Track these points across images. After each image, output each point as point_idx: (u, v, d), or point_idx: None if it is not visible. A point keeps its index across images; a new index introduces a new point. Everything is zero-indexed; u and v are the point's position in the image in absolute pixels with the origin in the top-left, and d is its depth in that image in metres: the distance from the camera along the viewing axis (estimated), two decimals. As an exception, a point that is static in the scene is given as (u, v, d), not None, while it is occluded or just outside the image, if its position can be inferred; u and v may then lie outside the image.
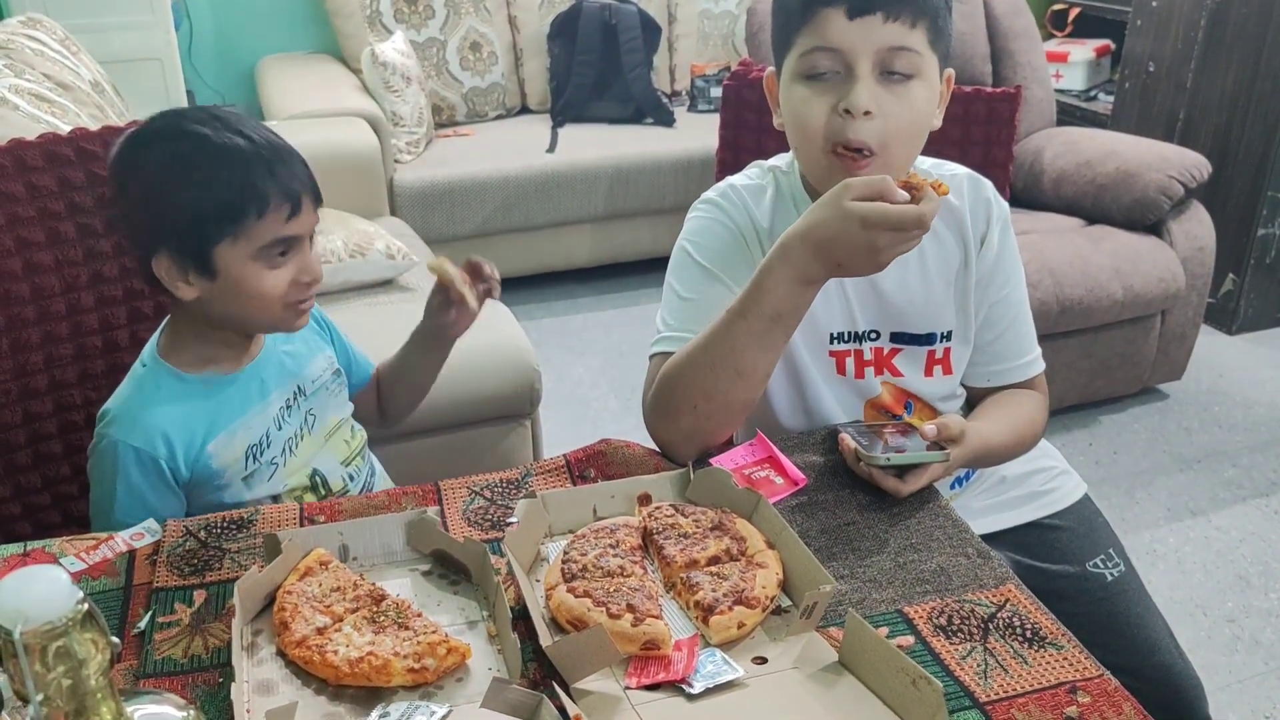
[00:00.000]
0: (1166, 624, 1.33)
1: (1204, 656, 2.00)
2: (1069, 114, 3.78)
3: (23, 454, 1.39)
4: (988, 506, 1.36)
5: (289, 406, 1.26)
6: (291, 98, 3.22)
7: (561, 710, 0.80)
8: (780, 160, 1.31)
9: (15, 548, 1.03)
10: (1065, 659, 0.89)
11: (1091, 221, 2.83)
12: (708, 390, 1.12)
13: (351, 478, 1.32)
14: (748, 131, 1.52)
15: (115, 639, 0.51)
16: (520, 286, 3.48)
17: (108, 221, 1.30)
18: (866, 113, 1.10)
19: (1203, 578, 2.25)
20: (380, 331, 1.52)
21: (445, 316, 1.33)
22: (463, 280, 1.27)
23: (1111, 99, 3.69)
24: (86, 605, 0.48)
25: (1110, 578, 1.33)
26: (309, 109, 3.10)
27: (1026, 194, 2.97)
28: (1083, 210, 2.85)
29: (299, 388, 1.28)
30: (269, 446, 1.23)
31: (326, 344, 1.35)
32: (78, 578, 0.99)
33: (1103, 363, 2.74)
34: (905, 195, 1.02)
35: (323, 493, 1.28)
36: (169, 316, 1.23)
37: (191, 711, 0.55)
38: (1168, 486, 2.56)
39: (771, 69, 1.23)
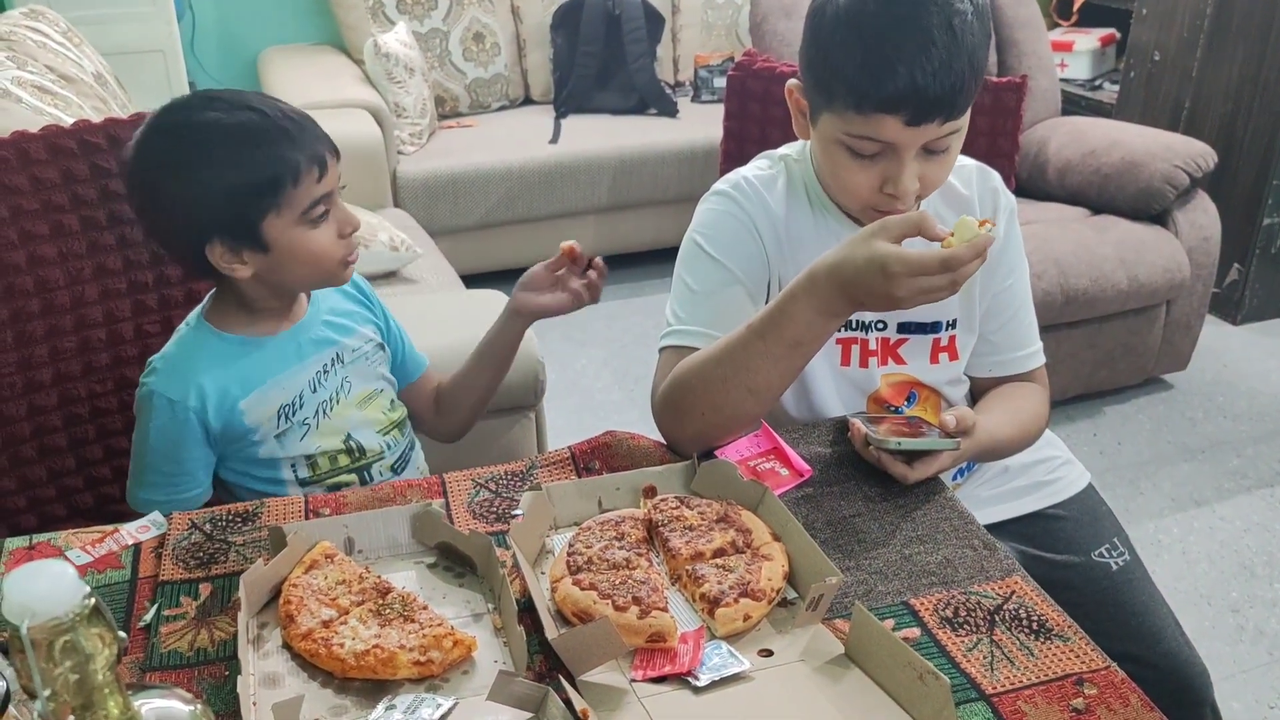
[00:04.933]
0: (1172, 612, 1.32)
1: (1208, 646, 2.00)
2: (1074, 103, 3.76)
3: (27, 447, 1.39)
4: (991, 496, 1.36)
5: (326, 371, 1.30)
6: (294, 89, 3.21)
7: (568, 703, 0.80)
8: (791, 149, 1.30)
9: (20, 541, 1.03)
10: (1072, 651, 0.89)
11: (1096, 211, 2.82)
12: (717, 403, 1.12)
13: (389, 446, 1.34)
14: (752, 122, 1.51)
15: (122, 633, 0.51)
16: (523, 278, 3.47)
17: (145, 230, 1.34)
18: None
19: (1207, 568, 2.25)
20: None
21: (539, 287, 1.36)
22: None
23: (1117, 88, 3.67)
24: (93, 600, 0.48)
25: (1115, 567, 1.33)
26: (311, 100, 3.09)
27: (1031, 184, 2.96)
28: (1087, 200, 2.84)
29: (338, 354, 1.31)
30: (301, 407, 1.27)
31: (371, 319, 1.38)
32: (84, 571, 0.99)
33: (1107, 353, 2.74)
34: (943, 232, 1.00)
35: (358, 456, 1.31)
36: (214, 289, 1.29)
37: (199, 705, 0.55)
38: (1172, 477, 2.56)
39: (794, 82, 1.21)
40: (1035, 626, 0.92)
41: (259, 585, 0.93)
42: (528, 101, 3.85)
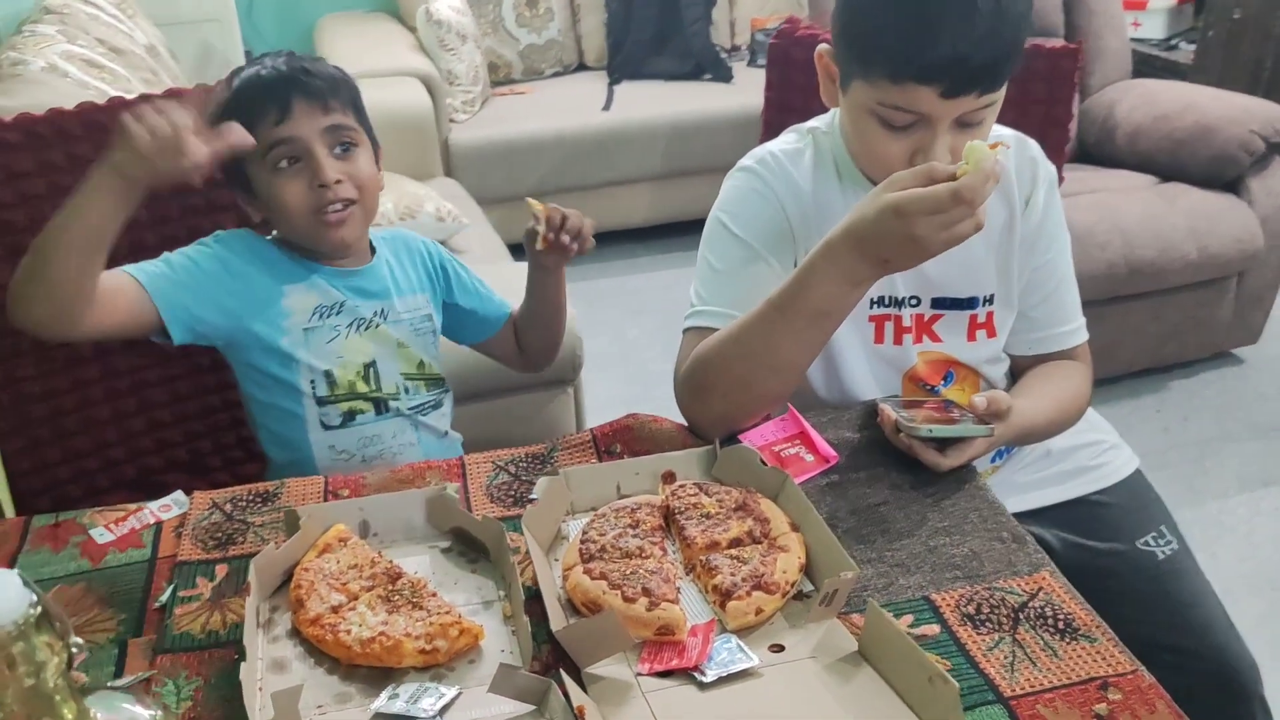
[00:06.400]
0: (1221, 604, 1.27)
1: (1272, 632, 1.93)
2: (1147, 64, 3.61)
3: (71, 419, 1.41)
4: (1031, 482, 1.31)
5: (370, 315, 1.31)
6: (348, 58, 3.21)
7: (569, 697, 0.79)
8: (820, 122, 1.26)
9: (46, 519, 1.05)
10: (1098, 652, 0.86)
11: (1166, 179, 2.70)
12: (740, 381, 1.09)
13: (407, 391, 1.33)
14: (795, 91, 1.46)
15: (77, 639, 0.51)
16: (576, 246, 3.46)
17: None
18: None
19: (1272, 551, 2.16)
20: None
21: (535, 248, 1.32)
22: (543, 217, 1.27)
23: (1193, 48, 3.52)
24: (40, 608, 0.48)
25: (1162, 555, 1.28)
26: (365, 69, 3.09)
27: (1098, 149, 2.85)
28: (1157, 167, 2.73)
29: (383, 309, 1.32)
30: (338, 314, 1.29)
31: (429, 291, 1.39)
32: (106, 549, 1.00)
33: (1174, 326, 2.64)
34: (953, 168, 0.97)
35: (374, 385, 1.31)
36: None
37: (158, 712, 0.54)
38: (1239, 455, 2.46)
39: (825, 47, 1.17)
40: (1061, 626, 0.88)
41: (270, 570, 0.93)
42: (582, 67, 3.81)
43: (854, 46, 1.09)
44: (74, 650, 0.49)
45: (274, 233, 1.32)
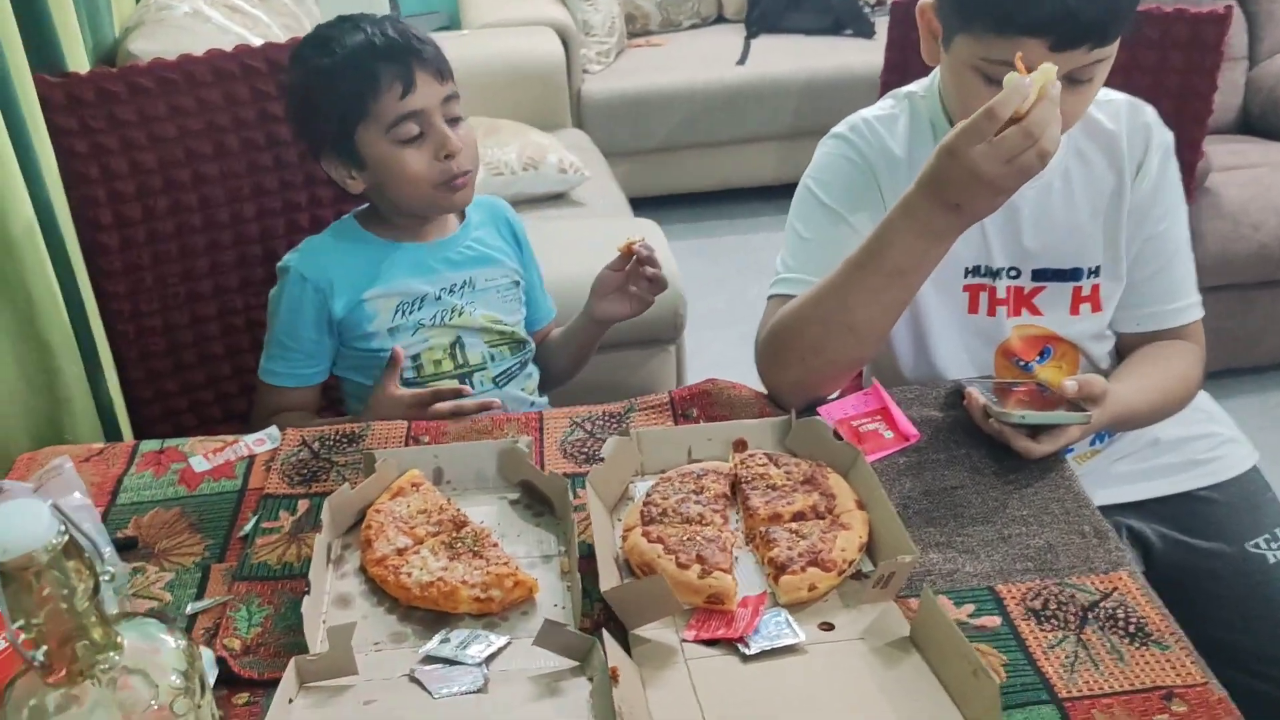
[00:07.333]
0: (1338, 619, 1.19)
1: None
2: (1332, 29, 3.33)
3: (189, 352, 1.50)
4: (1135, 472, 1.25)
5: (453, 291, 1.33)
6: (487, 7, 3.25)
7: (611, 657, 0.80)
8: (917, 86, 1.22)
9: (153, 444, 1.12)
10: (1168, 660, 0.82)
11: (1338, 155, 2.51)
12: (817, 345, 1.08)
13: (492, 358, 1.35)
14: (915, 53, 1.39)
15: (108, 568, 0.54)
16: (701, 203, 3.43)
17: (295, 139, 1.44)
18: None
19: None
20: (549, 246, 1.54)
21: (606, 292, 1.36)
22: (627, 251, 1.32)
23: (1386, 12, 3.23)
24: (67, 536, 0.51)
25: (1273, 559, 1.20)
26: (503, 18, 3.13)
27: (1263, 122, 2.66)
28: (1328, 142, 2.54)
29: (469, 279, 1.34)
30: (419, 309, 1.31)
31: (515, 260, 1.41)
32: (202, 477, 1.06)
33: (1333, 315, 2.46)
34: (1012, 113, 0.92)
35: (460, 364, 1.33)
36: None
37: (184, 643, 0.58)
38: (1395, 458, 2.29)
39: (928, 2, 1.13)
40: (1131, 629, 0.85)
41: (344, 509, 0.97)
42: (720, 20, 3.76)
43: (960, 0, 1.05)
44: (103, 577, 0.53)
45: (344, 218, 1.36)
